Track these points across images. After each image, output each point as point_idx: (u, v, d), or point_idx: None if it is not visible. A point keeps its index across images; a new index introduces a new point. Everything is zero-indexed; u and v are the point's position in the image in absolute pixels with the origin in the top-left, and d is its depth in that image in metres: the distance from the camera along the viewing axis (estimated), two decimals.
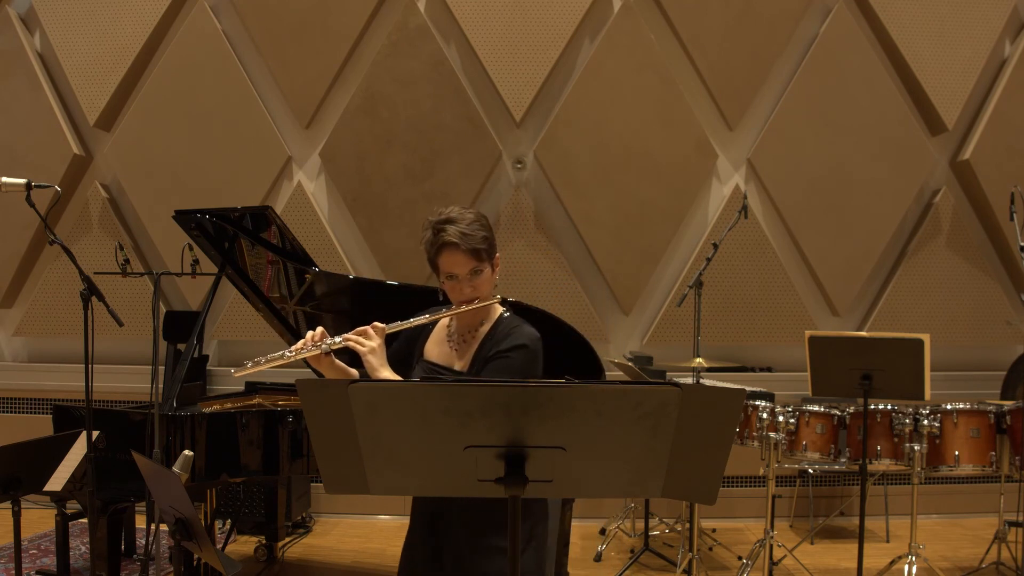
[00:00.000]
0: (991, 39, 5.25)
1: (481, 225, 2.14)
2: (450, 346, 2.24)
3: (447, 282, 2.15)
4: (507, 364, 2.10)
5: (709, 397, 1.42)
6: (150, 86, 5.39)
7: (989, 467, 3.78)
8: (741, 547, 4.67)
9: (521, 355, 2.11)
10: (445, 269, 2.13)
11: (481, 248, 2.11)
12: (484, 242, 2.12)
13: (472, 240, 2.09)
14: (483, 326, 2.21)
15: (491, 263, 2.17)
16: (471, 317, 2.21)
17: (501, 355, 2.12)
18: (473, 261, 2.11)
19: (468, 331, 2.22)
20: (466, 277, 2.12)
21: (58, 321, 5.48)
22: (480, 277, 2.13)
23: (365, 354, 2.12)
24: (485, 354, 2.15)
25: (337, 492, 1.53)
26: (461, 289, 2.13)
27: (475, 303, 2.14)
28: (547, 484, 1.45)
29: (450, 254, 2.10)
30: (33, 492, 3.03)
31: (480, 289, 2.15)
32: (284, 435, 3.53)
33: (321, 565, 4.47)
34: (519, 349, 2.12)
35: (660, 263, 5.36)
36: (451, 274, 2.13)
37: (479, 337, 2.20)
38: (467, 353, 2.20)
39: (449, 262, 2.11)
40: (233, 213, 3.57)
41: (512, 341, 2.13)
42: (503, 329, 2.18)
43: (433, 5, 5.28)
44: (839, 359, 3.60)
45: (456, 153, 5.25)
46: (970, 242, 5.34)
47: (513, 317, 2.23)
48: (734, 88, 5.26)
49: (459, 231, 2.08)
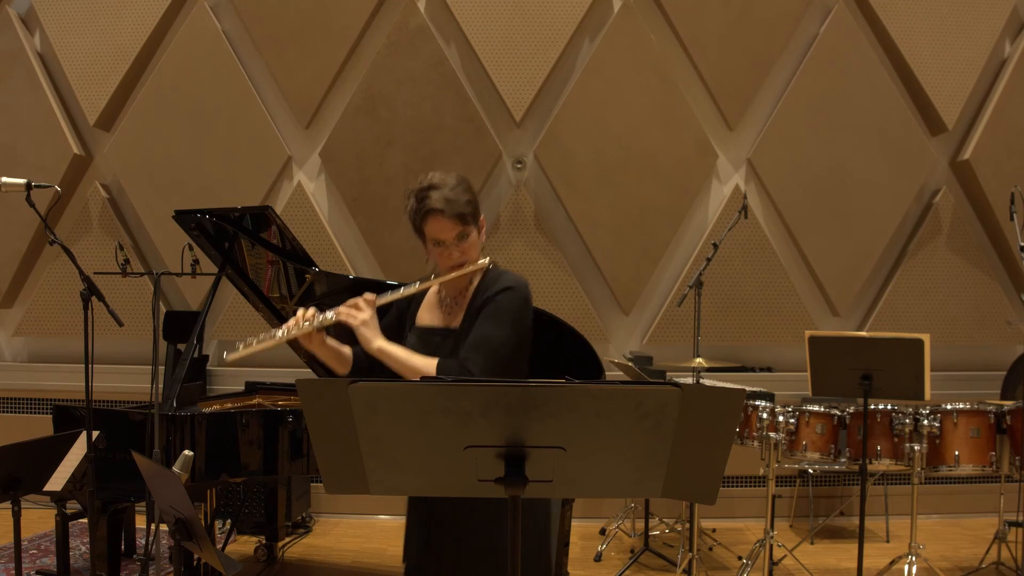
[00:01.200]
0: (991, 39, 5.25)
1: (464, 188, 2.13)
2: (442, 310, 2.24)
3: (434, 248, 2.15)
4: (496, 308, 2.11)
5: (709, 397, 1.42)
6: (150, 86, 5.39)
7: (989, 467, 3.78)
8: (741, 547, 4.67)
9: (509, 296, 2.11)
10: (432, 236, 2.13)
11: (466, 212, 2.10)
12: (468, 206, 2.11)
13: (456, 205, 2.08)
14: (472, 284, 2.21)
15: (477, 226, 2.16)
16: (461, 282, 2.20)
17: (491, 299, 2.12)
18: (459, 225, 2.10)
19: (459, 293, 2.22)
20: (453, 242, 2.11)
21: (58, 321, 5.47)
22: (467, 241, 2.13)
23: (358, 327, 2.11)
24: (475, 305, 2.15)
25: (337, 492, 1.53)
26: (449, 254, 2.13)
27: (465, 267, 2.14)
28: (547, 484, 1.45)
29: (435, 220, 2.09)
30: (33, 492, 3.02)
31: (468, 253, 2.14)
32: (284, 435, 3.53)
33: (321, 565, 4.47)
34: (506, 291, 2.12)
35: (660, 263, 5.36)
36: (438, 240, 2.12)
37: (469, 294, 2.20)
38: (460, 312, 2.20)
39: (435, 228, 2.11)
40: (233, 213, 3.57)
41: (499, 285, 2.13)
42: (489, 279, 2.18)
43: (433, 5, 5.28)
44: (839, 359, 3.60)
45: (456, 153, 5.25)
46: (970, 242, 5.34)
47: (497, 268, 2.22)
48: (734, 88, 5.26)
49: (443, 196, 2.08)
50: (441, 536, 2.12)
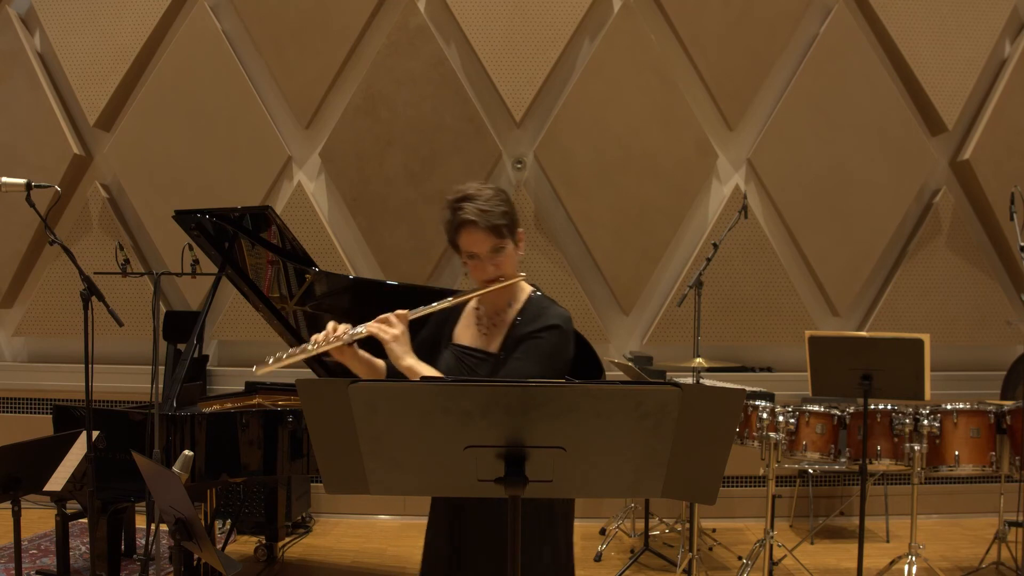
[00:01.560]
0: (991, 39, 5.25)
1: (501, 200, 2.06)
2: (480, 330, 2.16)
3: (469, 262, 2.08)
4: (538, 345, 2.04)
5: (709, 397, 1.42)
6: (150, 86, 5.39)
7: (989, 467, 3.78)
8: (741, 547, 4.66)
9: (553, 336, 2.05)
10: (465, 248, 2.06)
11: (501, 224, 2.03)
12: (504, 217, 2.04)
13: (491, 216, 2.01)
14: (512, 307, 2.13)
15: (513, 239, 2.08)
16: (498, 298, 2.13)
17: (533, 336, 2.05)
18: (493, 238, 2.03)
19: (497, 313, 2.15)
20: (488, 255, 2.04)
21: (58, 321, 5.47)
22: (502, 255, 2.05)
23: (388, 342, 2.04)
24: (517, 335, 2.07)
25: (337, 492, 1.53)
26: (484, 268, 2.06)
27: (500, 282, 2.07)
28: (547, 484, 1.45)
29: (469, 232, 2.03)
30: (33, 492, 3.03)
31: (503, 267, 2.07)
32: (284, 435, 3.53)
33: (321, 565, 4.47)
34: (552, 330, 2.05)
35: (660, 263, 5.36)
36: (472, 253, 2.06)
37: (509, 318, 2.12)
38: (497, 336, 2.12)
39: (469, 241, 2.04)
40: (233, 213, 3.57)
41: (544, 321, 2.06)
42: (533, 309, 2.10)
43: (433, 5, 5.28)
44: (839, 359, 3.60)
45: (456, 153, 5.25)
46: (970, 242, 5.34)
47: (543, 297, 2.15)
48: (734, 88, 5.26)
49: (477, 208, 2.01)
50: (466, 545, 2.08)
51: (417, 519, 5.22)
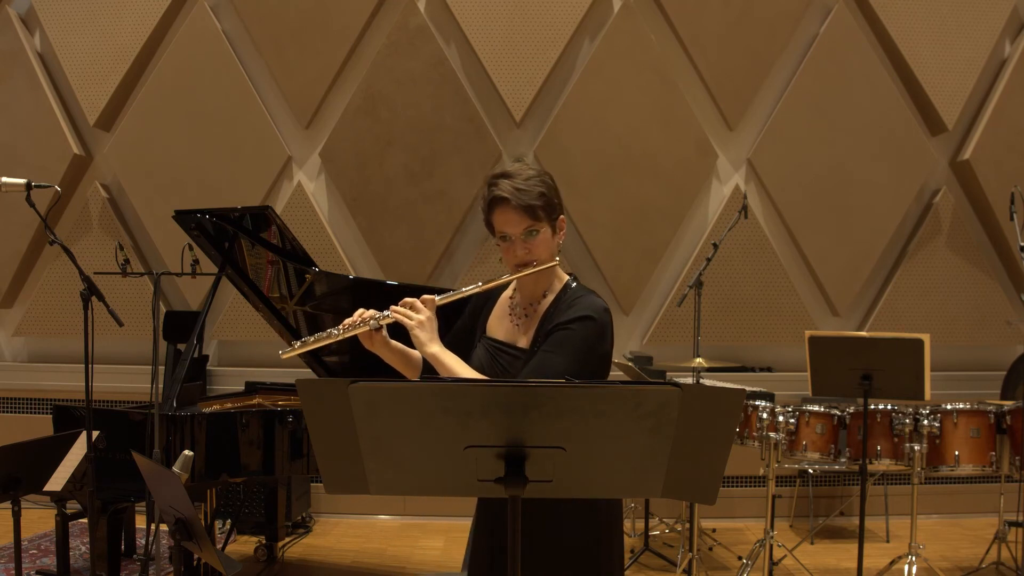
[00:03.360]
0: (991, 39, 5.25)
1: (540, 181, 1.95)
2: (512, 321, 2.06)
3: (501, 244, 1.98)
4: (566, 337, 1.91)
5: (709, 397, 1.42)
6: (150, 86, 5.39)
7: (989, 467, 3.78)
8: (741, 547, 4.66)
9: (584, 327, 1.91)
10: (498, 228, 1.97)
11: (536, 205, 1.92)
12: (540, 199, 1.93)
13: (526, 196, 1.91)
14: (547, 297, 2.02)
15: (551, 224, 1.97)
16: (532, 287, 2.02)
17: (561, 327, 1.92)
18: (527, 219, 1.92)
19: (530, 304, 2.04)
20: (519, 237, 1.94)
21: (58, 321, 5.47)
22: (535, 239, 1.94)
23: (412, 327, 1.95)
24: (547, 327, 1.96)
25: (337, 492, 1.53)
26: (514, 251, 1.95)
27: (532, 267, 1.95)
28: (547, 484, 1.45)
29: (502, 211, 1.93)
30: (33, 492, 3.02)
31: (536, 252, 1.95)
32: (284, 435, 3.53)
33: (321, 565, 4.47)
34: (582, 321, 1.92)
35: (660, 263, 5.36)
36: (504, 234, 1.96)
37: (542, 309, 2.01)
38: (530, 327, 2.01)
39: (501, 220, 1.95)
40: (233, 213, 3.57)
41: (575, 312, 1.93)
42: (567, 299, 1.98)
43: (433, 5, 5.28)
44: (839, 359, 3.60)
45: (456, 153, 5.25)
46: (970, 242, 5.34)
47: (580, 286, 2.03)
48: (734, 88, 5.26)
49: (513, 186, 1.91)
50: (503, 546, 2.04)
51: (417, 519, 5.23)
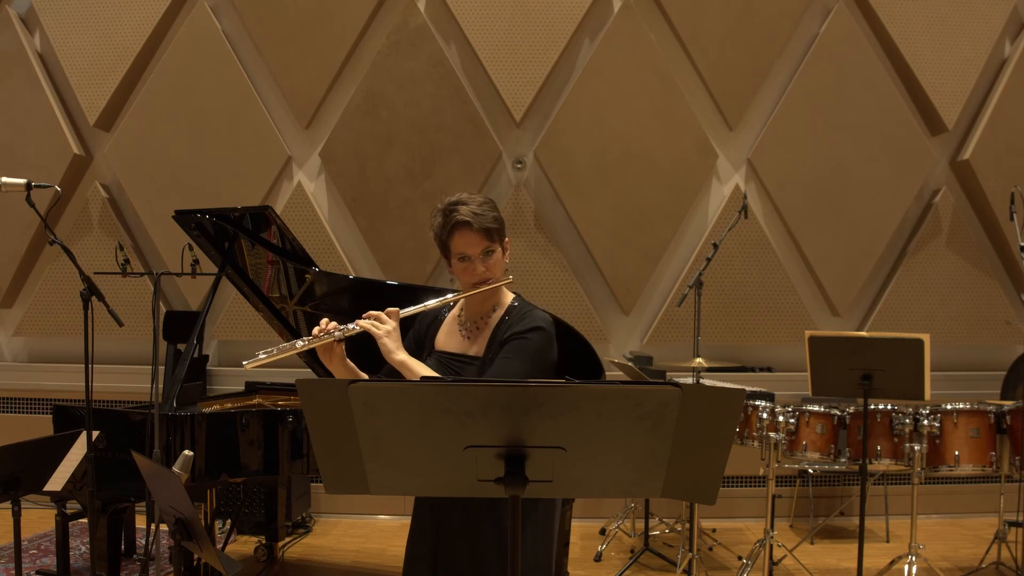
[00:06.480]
0: (991, 39, 5.25)
1: (492, 207, 2.17)
2: (463, 335, 2.24)
3: (459, 264, 2.16)
4: (524, 344, 2.11)
5: (709, 397, 1.42)
6: (150, 86, 5.39)
7: (989, 467, 3.78)
8: (741, 547, 4.66)
9: (539, 337, 2.13)
10: (458, 250, 2.14)
11: (493, 228, 2.13)
12: (495, 222, 2.14)
13: (484, 219, 2.11)
14: (495, 312, 2.22)
15: (502, 245, 2.19)
16: (481, 303, 2.21)
17: (518, 336, 2.13)
18: (486, 241, 2.13)
19: (480, 317, 2.23)
20: (479, 257, 2.13)
21: (58, 321, 5.47)
22: (492, 258, 2.15)
23: (381, 336, 2.11)
24: (502, 337, 2.15)
25: (337, 492, 1.53)
26: (474, 269, 2.14)
27: (489, 283, 2.15)
28: (547, 484, 1.45)
29: (462, 234, 2.12)
30: (33, 492, 3.03)
31: (493, 270, 2.16)
32: (284, 435, 3.53)
33: (321, 565, 4.47)
34: (536, 331, 2.13)
35: (660, 263, 5.36)
36: (464, 255, 2.14)
37: (493, 322, 2.20)
38: (480, 339, 2.19)
39: (462, 242, 2.12)
40: (233, 213, 3.57)
41: (528, 323, 2.15)
42: (517, 313, 2.19)
43: (433, 5, 5.28)
44: (839, 359, 3.60)
45: (456, 153, 5.25)
46: (970, 242, 5.34)
47: (525, 303, 2.24)
48: (734, 88, 5.26)
49: (471, 211, 2.11)
50: (447, 546, 2.11)
51: None
